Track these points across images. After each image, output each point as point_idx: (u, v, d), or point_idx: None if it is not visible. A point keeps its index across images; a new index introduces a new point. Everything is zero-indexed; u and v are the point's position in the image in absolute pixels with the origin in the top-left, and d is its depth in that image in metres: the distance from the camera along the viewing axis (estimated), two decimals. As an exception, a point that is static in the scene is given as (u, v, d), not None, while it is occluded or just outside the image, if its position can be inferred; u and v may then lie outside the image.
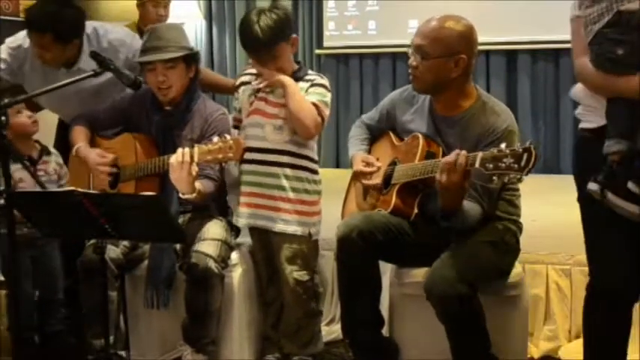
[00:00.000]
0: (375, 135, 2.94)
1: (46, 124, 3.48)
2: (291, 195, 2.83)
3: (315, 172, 2.90)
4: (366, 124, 2.97)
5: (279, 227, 2.84)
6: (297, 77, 2.82)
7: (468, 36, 2.52)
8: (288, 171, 2.83)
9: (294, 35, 2.81)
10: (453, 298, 2.36)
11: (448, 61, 2.49)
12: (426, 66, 2.51)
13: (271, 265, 2.96)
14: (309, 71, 2.91)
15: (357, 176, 2.85)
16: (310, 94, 2.80)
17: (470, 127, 2.54)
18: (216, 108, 2.98)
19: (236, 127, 2.93)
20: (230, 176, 3.02)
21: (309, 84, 2.82)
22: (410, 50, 2.57)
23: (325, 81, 2.86)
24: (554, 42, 5.18)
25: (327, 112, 2.82)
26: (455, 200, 2.37)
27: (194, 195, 2.66)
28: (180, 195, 2.68)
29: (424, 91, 2.63)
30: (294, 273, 2.87)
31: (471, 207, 2.46)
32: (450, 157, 2.29)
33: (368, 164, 2.80)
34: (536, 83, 5.37)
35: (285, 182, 2.83)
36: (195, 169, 2.59)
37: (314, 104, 2.76)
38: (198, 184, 2.67)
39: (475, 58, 2.57)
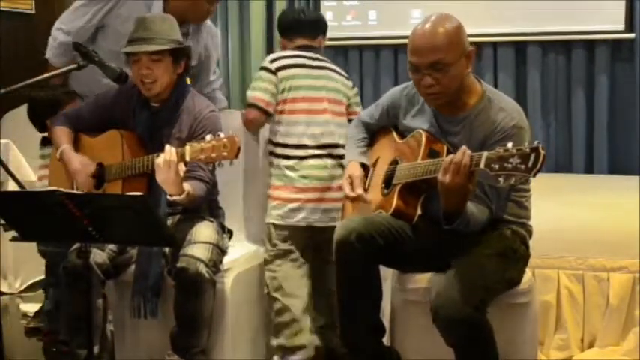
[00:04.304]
0: (374, 132, 2.94)
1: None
2: None
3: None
4: (365, 122, 2.97)
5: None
6: None
7: (462, 27, 2.54)
8: None
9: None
10: (460, 322, 2.36)
11: (462, 60, 2.50)
12: (449, 77, 2.48)
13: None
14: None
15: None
16: None
17: (475, 126, 2.54)
18: (205, 105, 2.98)
19: None
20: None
21: None
22: (410, 70, 2.55)
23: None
24: (566, 33, 5.18)
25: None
26: (458, 202, 2.35)
27: (183, 197, 2.66)
28: (169, 197, 2.69)
29: (446, 103, 2.57)
30: None
31: (477, 209, 2.45)
32: (454, 157, 2.28)
33: (352, 184, 2.77)
34: (546, 77, 5.36)
35: None
36: (182, 168, 2.59)
37: None
38: (187, 186, 2.68)
39: None
